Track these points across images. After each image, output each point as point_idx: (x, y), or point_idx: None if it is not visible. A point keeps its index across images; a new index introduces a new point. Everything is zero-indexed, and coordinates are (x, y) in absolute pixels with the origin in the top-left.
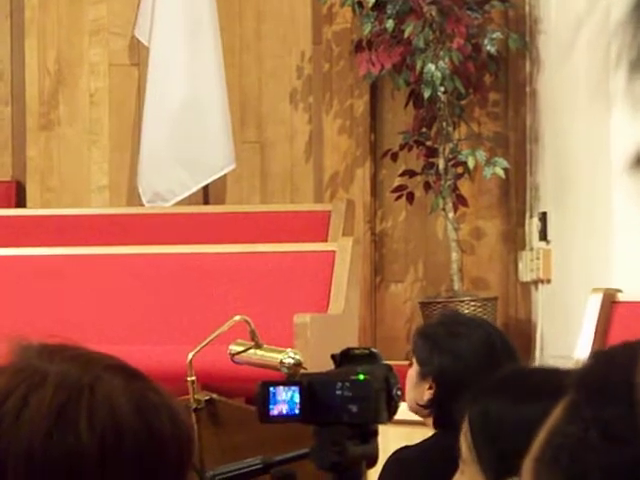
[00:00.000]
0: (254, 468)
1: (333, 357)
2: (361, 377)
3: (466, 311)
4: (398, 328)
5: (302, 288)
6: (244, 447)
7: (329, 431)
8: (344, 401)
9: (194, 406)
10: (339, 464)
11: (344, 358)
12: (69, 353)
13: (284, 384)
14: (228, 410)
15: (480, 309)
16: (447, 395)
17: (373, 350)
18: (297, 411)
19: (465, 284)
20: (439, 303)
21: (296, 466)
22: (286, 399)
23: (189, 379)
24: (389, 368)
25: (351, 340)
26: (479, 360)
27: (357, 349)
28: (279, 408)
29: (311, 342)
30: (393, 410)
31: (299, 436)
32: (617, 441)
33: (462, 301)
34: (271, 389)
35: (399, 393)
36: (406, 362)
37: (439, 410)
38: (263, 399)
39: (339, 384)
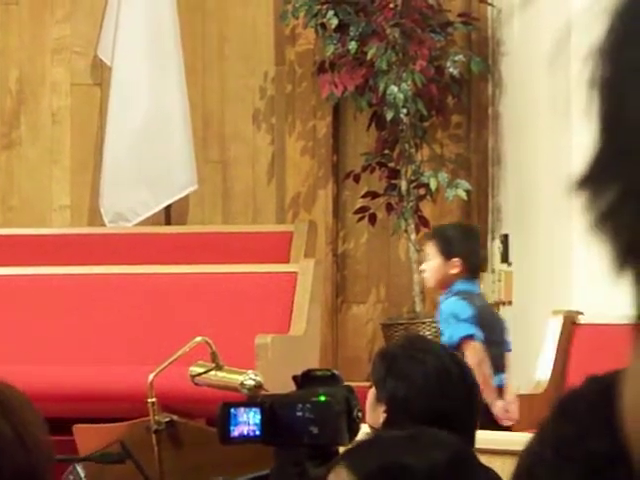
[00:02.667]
0: None
1: (294, 378)
2: (322, 398)
3: (428, 333)
4: (360, 349)
5: (263, 309)
6: (205, 468)
7: (290, 452)
8: (305, 422)
9: (155, 427)
10: None
11: (305, 379)
12: None
13: (245, 405)
14: (189, 431)
15: None
16: (397, 420)
17: (334, 372)
18: (258, 432)
19: (427, 306)
20: (401, 324)
21: None
22: (247, 420)
23: (149, 400)
24: (350, 390)
25: (313, 361)
26: (432, 388)
27: (318, 370)
28: (240, 429)
29: (272, 363)
30: (354, 431)
31: (260, 457)
32: (568, 459)
33: (424, 322)
34: (232, 410)
35: (359, 414)
36: (367, 383)
37: None
38: (223, 420)
39: (300, 405)
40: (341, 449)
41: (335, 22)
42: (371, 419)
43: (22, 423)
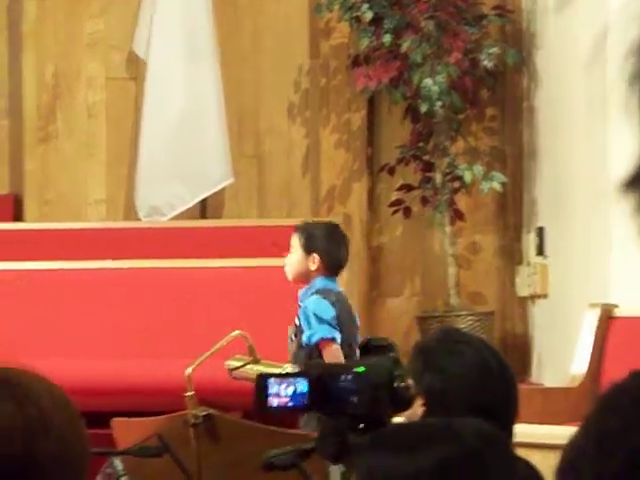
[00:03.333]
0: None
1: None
2: (361, 369)
3: (463, 325)
4: (395, 342)
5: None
6: (242, 461)
7: (332, 422)
8: (347, 392)
9: (192, 421)
10: (339, 454)
11: (364, 349)
12: None
13: (292, 375)
14: (226, 425)
15: (477, 324)
16: (437, 414)
17: (389, 341)
18: (305, 402)
19: (462, 298)
20: (436, 317)
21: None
22: (295, 390)
23: (187, 394)
24: (395, 360)
25: None
26: (471, 381)
27: (376, 339)
28: (283, 399)
29: None
30: (398, 403)
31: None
32: (611, 453)
33: (459, 315)
34: (271, 380)
35: (403, 385)
36: None
37: None
38: (261, 390)
39: (342, 376)
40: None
41: (370, 15)
42: (409, 412)
43: (42, 413)
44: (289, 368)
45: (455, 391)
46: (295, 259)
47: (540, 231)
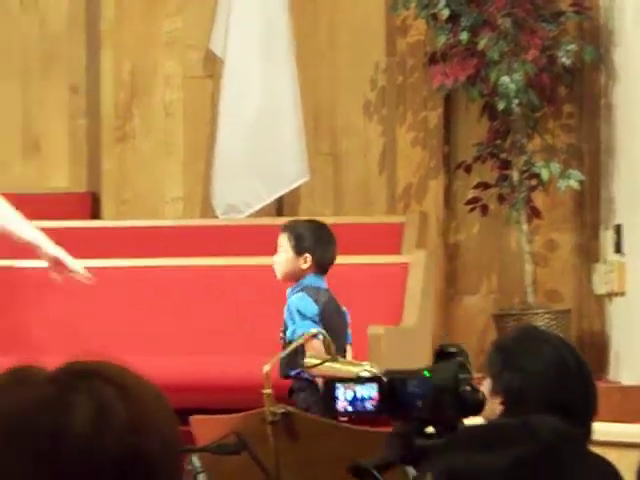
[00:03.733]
0: None
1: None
2: (425, 374)
3: (539, 324)
4: (471, 340)
5: (375, 300)
6: (319, 459)
7: (400, 425)
8: (413, 397)
9: (270, 418)
10: (405, 457)
11: (437, 355)
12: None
13: (361, 381)
14: (304, 422)
15: (554, 322)
16: (516, 412)
17: (459, 347)
18: (374, 406)
19: (539, 296)
20: (513, 315)
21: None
22: (362, 395)
23: (265, 391)
24: (461, 365)
25: (424, 352)
26: (549, 379)
27: (448, 346)
28: (352, 404)
29: (385, 354)
30: (464, 407)
31: (377, 451)
32: None
33: (536, 313)
34: (338, 385)
35: (468, 389)
36: (479, 374)
37: None
38: (329, 394)
39: (410, 381)
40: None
41: (446, 13)
42: (487, 411)
43: (145, 410)
44: (367, 366)
45: (533, 389)
46: (285, 259)
47: (618, 228)
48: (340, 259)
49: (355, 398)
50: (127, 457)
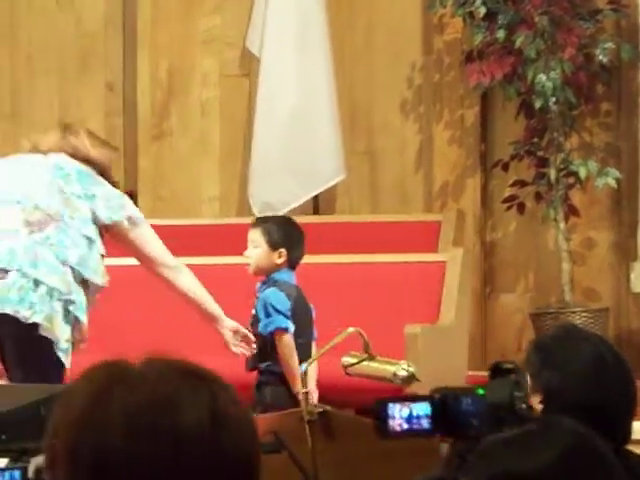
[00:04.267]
0: None
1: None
2: (480, 392)
3: (577, 322)
4: (508, 338)
5: (412, 299)
6: (357, 458)
7: (456, 444)
8: (468, 415)
9: (308, 418)
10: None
11: (492, 372)
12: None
13: (412, 399)
14: (342, 422)
15: (591, 320)
16: (553, 411)
17: (515, 364)
18: (428, 425)
19: (576, 295)
20: (550, 314)
21: None
22: (416, 414)
23: (303, 391)
24: (516, 382)
25: (461, 350)
26: (588, 378)
27: (503, 362)
28: (403, 423)
29: (422, 353)
30: (521, 425)
31: (414, 449)
32: None
33: (573, 312)
34: (390, 404)
35: (524, 406)
36: None
37: None
38: (381, 414)
39: (464, 399)
40: None
41: (483, 10)
42: None
43: (227, 407)
44: (404, 365)
45: (572, 388)
46: (259, 254)
47: None
48: (377, 257)
49: (411, 416)
50: (236, 457)
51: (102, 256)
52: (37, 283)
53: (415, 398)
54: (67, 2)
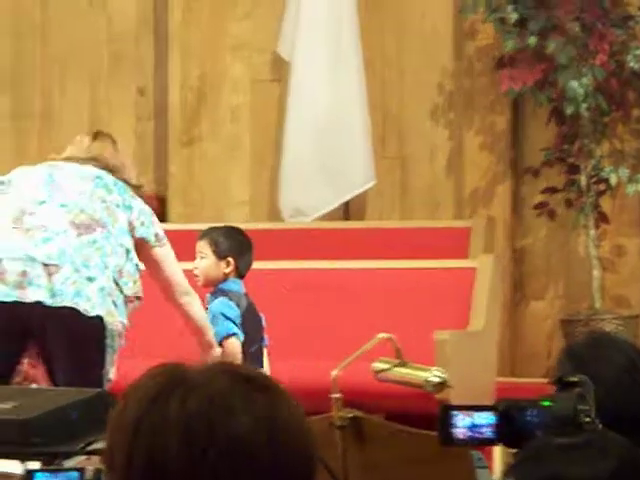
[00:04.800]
0: None
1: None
2: (546, 403)
3: (607, 329)
4: (538, 345)
5: (442, 305)
6: (388, 464)
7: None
8: (532, 426)
9: (338, 423)
10: None
11: (557, 384)
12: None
13: (475, 409)
14: (373, 427)
15: (622, 327)
16: None
17: (581, 377)
18: (491, 435)
19: (606, 302)
20: (580, 321)
21: None
22: (480, 423)
23: (334, 396)
24: (581, 396)
25: (491, 357)
26: (621, 387)
27: (569, 375)
28: (469, 432)
29: (451, 359)
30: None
31: (445, 455)
32: None
33: (603, 319)
34: (453, 412)
35: (588, 420)
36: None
37: None
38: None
39: (529, 410)
40: None
41: (515, 17)
42: None
43: (290, 414)
44: (436, 371)
45: (606, 397)
46: (207, 264)
47: None
48: (407, 263)
49: (474, 425)
50: (291, 464)
51: (138, 269)
52: (90, 279)
53: (479, 407)
54: (99, 4)
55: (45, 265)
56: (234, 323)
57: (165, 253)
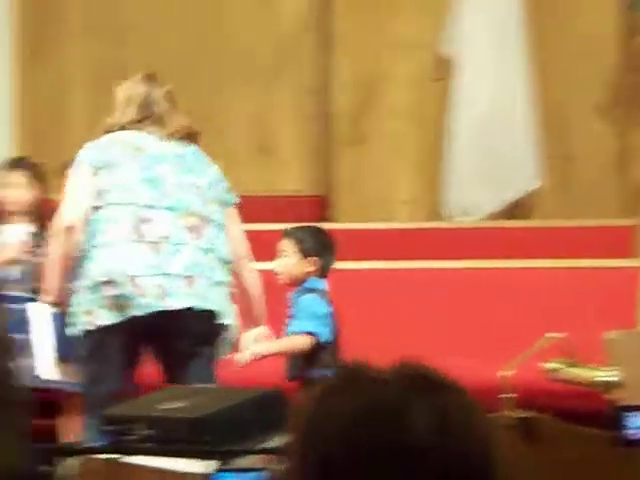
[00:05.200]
0: None
1: None
2: None
3: None
4: None
5: (607, 304)
6: (559, 463)
7: None
8: None
9: (511, 423)
10: None
11: None
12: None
13: None
14: (543, 426)
15: None
16: None
17: None
18: None
19: None
20: None
21: None
22: None
23: (506, 396)
24: None
25: None
26: None
27: None
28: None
29: (622, 359)
30: None
31: (617, 455)
32: None
33: None
34: (629, 413)
35: None
36: None
37: None
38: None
39: None
40: None
41: None
42: None
43: (476, 417)
44: (608, 371)
45: None
46: (291, 263)
47: None
48: (572, 262)
49: None
50: (464, 468)
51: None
52: (219, 284)
53: None
54: (267, 4)
55: (179, 276)
56: (323, 322)
57: (234, 213)
